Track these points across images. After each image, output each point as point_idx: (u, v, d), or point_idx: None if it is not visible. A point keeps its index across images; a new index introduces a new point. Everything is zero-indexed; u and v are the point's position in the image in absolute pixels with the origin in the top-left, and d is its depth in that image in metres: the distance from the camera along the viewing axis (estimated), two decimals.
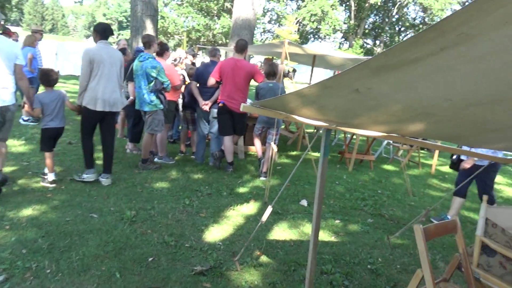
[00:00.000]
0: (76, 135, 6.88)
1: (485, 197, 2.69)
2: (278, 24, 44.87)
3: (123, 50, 6.83)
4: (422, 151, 9.12)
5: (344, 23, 45.03)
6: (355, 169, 7.04)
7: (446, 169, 7.93)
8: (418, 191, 6.19)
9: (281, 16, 43.51)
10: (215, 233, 3.69)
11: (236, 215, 4.17)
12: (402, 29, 53.50)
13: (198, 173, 5.57)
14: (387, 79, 1.37)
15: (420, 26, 51.32)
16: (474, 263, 2.67)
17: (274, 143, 5.23)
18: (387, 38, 48.89)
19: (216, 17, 38.67)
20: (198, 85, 5.90)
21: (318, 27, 43.02)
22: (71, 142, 6.40)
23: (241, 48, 5.44)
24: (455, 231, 2.45)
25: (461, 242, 2.46)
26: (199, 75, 5.85)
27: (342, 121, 2.29)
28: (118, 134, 7.34)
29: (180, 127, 6.82)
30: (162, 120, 5.33)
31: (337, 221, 4.33)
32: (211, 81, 5.52)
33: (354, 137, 7.96)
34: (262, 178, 5.62)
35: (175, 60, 7.01)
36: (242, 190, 5.02)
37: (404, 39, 1.79)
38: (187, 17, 39.65)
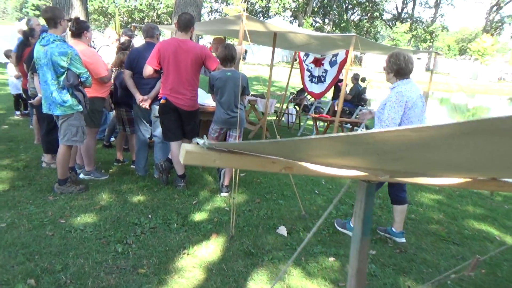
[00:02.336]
0: None
1: None
2: (225, 3, 42.90)
3: (31, 32, 5.20)
4: None
5: (293, 1, 43.94)
6: None
7: None
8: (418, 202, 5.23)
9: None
10: None
11: (192, 265, 2.90)
12: (350, 7, 53.45)
13: (138, 192, 4.20)
14: None
15: (366, 3, 51.48)
16: None
17: None
18: (336, 16, 48.45)
19: None
20: (132, 75, 4.47)
21: (267, 5, 41.68)
22: None
23: (185, 24, 4.06)
24: None
25: None
26: (132, 61, 4.41)
27: (401, 168, 1.13)
28: (35, 139, 5.74)
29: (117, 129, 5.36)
30: (82, 126, 3.89)
31: (331, 259, 3.19)
32: (148, 70, 4.11)
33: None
34: (223, 194, 4.36)
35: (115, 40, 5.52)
36: (198, 217, 3.74)
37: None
38: None
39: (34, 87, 4.59)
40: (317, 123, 6.55)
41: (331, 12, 48.05)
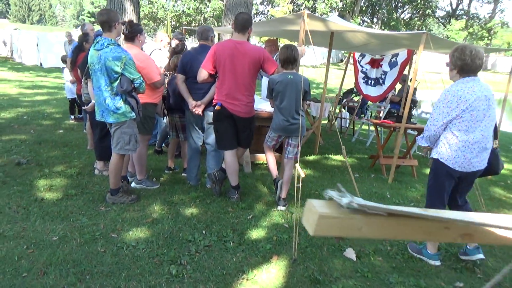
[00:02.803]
0: (33, 150, 5.26)
1: None
2: (271, 5, 42.64)
3: (85, 36, 5.16)
4: None
5: (340, 0, 42.87)
6: (396, 180, 5.44)
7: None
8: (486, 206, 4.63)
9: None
10: None
11: None
12: (400, 5, 51.38)
13: (191, 204, 3.97)
14: None
15: (418, 1, 49.25)
16: None
17: (296, 162, 3.61)
18: (385, 15, 46.73)
19: (207, 0, 36.49)
20: (185, 79, 4.26)
21: (314, 5, 40.96)
22: (21, 162, 4.78)
23: (243, 24, 3.78)
24: None
25: None
26: (185, 65, 4.19)
27: None
28: (88, 145, 5.72)
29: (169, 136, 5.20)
30: (135, 134, 3.71)
31: None
32: (203, 74, 3.87)
33: (383, 135, 6.34)
34: (280, 208, 4.03)
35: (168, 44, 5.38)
36: (255, 234, 3.43)
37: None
38: (176, 0, 37.49)
39: (87, 93, 4.50)
40: (378, 128, 6.07)
41: (379, 11, 46.47)
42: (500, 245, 3.61)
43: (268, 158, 4.21)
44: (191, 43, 19.05)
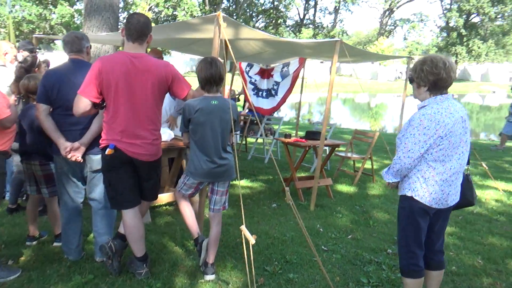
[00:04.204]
0: None
1: None
2: (126, 12, 39.99)
3: None
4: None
5: (200, 9, 42.68)
6: (317, 205, 4.84)
7: None
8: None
9: (130, 3, 38.79)
10: None
11: None
12: (254, 14, 53.88)
13: None
14: None
15: (271, 11, 52.42)
16: None
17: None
18: (242, 23, 48.35)
19: (51, 5, 32.12)
20: (51, 111, 2.88)
21: (174, 13, 39.87)
22: None
23: (140, 30, 2.65)
24: None
25: None
26: (50, 90, 2.82)
27: None
28: None
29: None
30: None
31: None
32: (82, 104, 2.59)
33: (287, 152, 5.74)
34: (209, 277, 2.97)
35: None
36: None
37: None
38: (13, 5, 32.12)
39: None
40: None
41: (237, 19, 47.93)
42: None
43: (184, 211, 3.11)
44: (46, 55, 16.14)
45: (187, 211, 3.12)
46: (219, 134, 2.82)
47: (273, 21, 54.04)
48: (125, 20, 2.72)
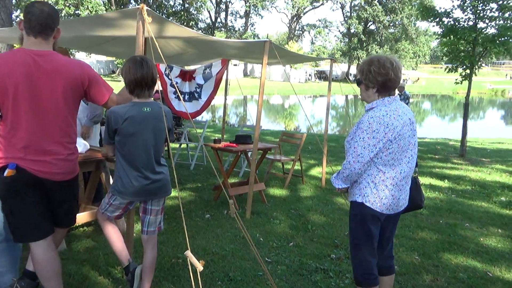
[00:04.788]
0: None
1: None
2: (19, 9, 36.08)
3: None
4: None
5: (106, 9, 40.19)
6: (252, 212, 4.61)
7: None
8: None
9: (25, 2, 35.05)
10: None
11: None
12: (165, 16, 52.45)
13: None
14: None
15: (181, 13, 51.48)
16: None
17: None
18: (168, 19, 46.69)
19: None
20: None
21: (76, 12, 37.05)
22: None
23: (44, 22, 2.14)
24: None
25: None
26: None
27: None
28: None
29: None
30: None
31: None
32: None
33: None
34: None
35: None
36: None
37: None
38: None
39: None
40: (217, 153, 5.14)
41: None
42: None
43: (111, 236, 2.65)
44: None
45: (114, 236, 2.66)
46: (152, 145, 2.42)
47: (185, 24, 53.13)
48: (24, 10, 2.19)
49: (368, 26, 54.23)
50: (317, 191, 5.70)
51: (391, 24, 53.01)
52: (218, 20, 57.06)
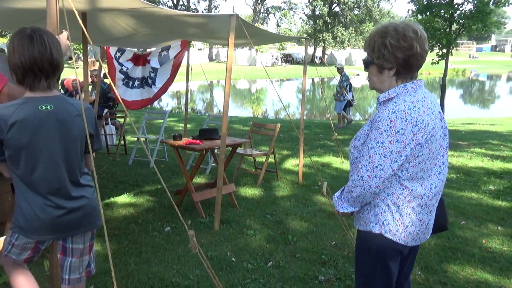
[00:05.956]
0: None
1: None
2: None
3: None
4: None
5: None
6: (221, 221, 3.89)
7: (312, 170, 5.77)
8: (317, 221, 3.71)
9: None
10: None
11: None
12: None
13: None
14: None
15: None
16: None
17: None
18: None
19: None
20: None
21: None
22: None
23: None
24: None
25: None
26: None
27: None
28: None
29: None
30: None
31: None
32: None
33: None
34: None
35: None
36: None
37: None
38: None
39: None
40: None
41: None
42: None
43: (18, 285, 1.86)
44: None
45: (24, 284, 1.87)
46: (62, 160, 1.64)
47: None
48: None
49: (333, 8, 53.81)
50: (294, 189, 5.06)
51: (355, 6, 52.81)
52: (181, 2, 54.94)
